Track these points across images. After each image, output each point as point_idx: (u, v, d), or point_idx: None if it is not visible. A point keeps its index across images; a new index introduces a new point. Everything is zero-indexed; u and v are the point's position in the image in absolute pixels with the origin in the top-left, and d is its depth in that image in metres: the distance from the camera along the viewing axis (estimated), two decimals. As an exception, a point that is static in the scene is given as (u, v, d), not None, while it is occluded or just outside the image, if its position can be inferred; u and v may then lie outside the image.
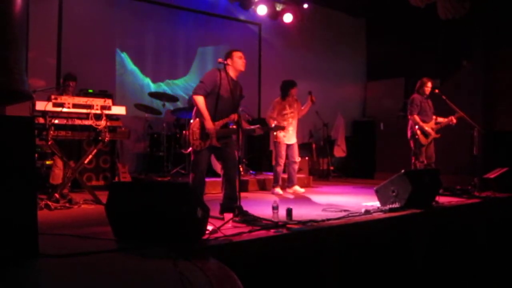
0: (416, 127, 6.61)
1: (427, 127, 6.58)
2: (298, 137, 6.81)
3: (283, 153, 6.56)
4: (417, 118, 6.60)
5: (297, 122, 6.75)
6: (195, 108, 4.55)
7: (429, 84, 6.77)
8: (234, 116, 4.53)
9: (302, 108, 6.76)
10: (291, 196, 6.28)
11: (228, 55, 4.65)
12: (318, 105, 6.82)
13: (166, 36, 8.83)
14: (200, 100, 4.43)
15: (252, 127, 4.87)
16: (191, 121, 4.55)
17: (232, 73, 4.61)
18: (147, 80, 8.61)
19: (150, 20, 8.61)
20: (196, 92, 4.47)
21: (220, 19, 9.53)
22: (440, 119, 6.76)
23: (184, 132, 4.60)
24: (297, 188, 6.63)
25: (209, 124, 4.39)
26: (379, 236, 4.19)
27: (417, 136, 6.58)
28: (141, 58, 8.57)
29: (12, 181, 2.48)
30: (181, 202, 2.95)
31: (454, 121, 6.59)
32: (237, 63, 4.61)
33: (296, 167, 6.70)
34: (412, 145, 6.68)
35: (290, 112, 6.62)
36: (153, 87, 8.54)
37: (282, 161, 6.57)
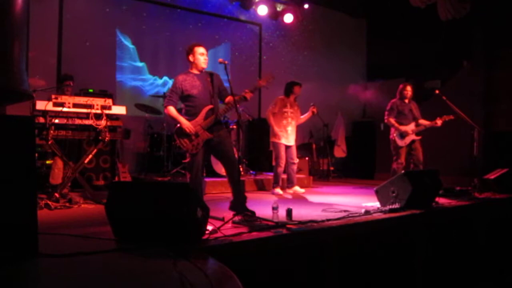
0: (392, 129, 6.79)
1: (403, 128, 6.69)
2: (298, 137, 6.81)
3: (283, 153, 6.54)
4: (391, 120, 6.77)
5: (296, 124, 6.72)
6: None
7: (408, 88, 6.90)
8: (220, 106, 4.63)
9: (302, 117, 6.75)
10: (291, 197, 6.27)
11: (190, 51, 4.63)
12: (318, 105, 6.82)
13: (166, 36, 8.83)
14: (169, 110, 4.57)
15: (241, 94, 4.54)
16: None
17: (195, 70, 4.62)
18: (147, 80, 8.61)
19: (150, 20, 8.61)
20: (165, 105, 4.62)
21: (220, 19, 9.53)
22: (423, 122, 6.82)
23: (174, 143, 4.65)
24: (297, 188, 6.62)
25: (184, 124, 4.46)
26: (379, 237, 4.19)
27: (394, 139, 6.76)
28: (141, 58, 8.57)
29: (12, 180, 2.48)
30: (181, 202, 2.94)
31: (439, 123, 6.62)
32: (199, 60, 4.59)
33: (295, 167, 6.69)
34: (391, 146, 6.84)
35: (290, 111, 6.61)
36: (153, 85, 8.54)
37: (282, 162, 6.54)
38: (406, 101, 6.88)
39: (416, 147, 6.75)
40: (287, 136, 6.57)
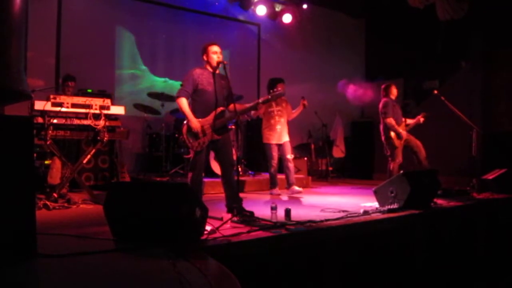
0: (391, 130, 6.76)
1: (400, 129, 6.72)
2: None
3: (274, 154, 6.40)
4: (392, 121, 6.74)
5: (286, 121, 6.55)
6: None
7: (394, 87, 6.97)
8: (226, 108, 4.63)
9: (293, 111, 6.62)
10: (287, 198, 6.22)
11: (204, 51, 4.63)
12: (317, 106, 6.80)
13: (165, 36, 8.83)
14: (181, 101, 4.50)
15: (252, 104, 4.70)
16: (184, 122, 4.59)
17: (209, 68, 4.62)
18: (146, 80, 8.61)
19: (149, 20, 8.61)
20: (177, 95, 4.56)
21: (219, 19, 9.52)
22: (408, 121, 6.90)
23: (180, 137, 4.65)
24: (295, 187, 6.47)
25: (193, 123, 4.44)
26: (377, 237, 4.20)
27: (391, 140, 6.73)
28: (140, 58, 8.57)
29: (10, 180, 2.47)
30: (179, 202, 2.94)
31: (421, 120, 6.70)
32: (212, 59, 4.58)
33: (291, 165, 6.47)
34: (386, 148, 6.81)
35: (277, 110, 6.46)
36: (152, 85, 8.53)
37: (274, 162, 6.41)
38: (394, 99, 6.92)
39: (415, 144, 6.75)
40: (277, 135, 6.42)
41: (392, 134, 6.73)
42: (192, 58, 9.05)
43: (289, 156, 6.47)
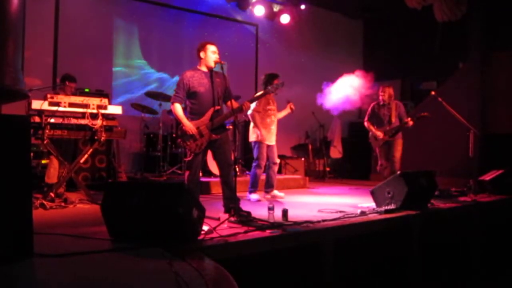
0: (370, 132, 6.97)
1: (375, 132, 6.87)
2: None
3: (265, 154, 6.02)
4: (365, 124, 6.99)
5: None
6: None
7: (384, 90, 6.98)
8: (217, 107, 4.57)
9: (280, 113, 6.18)
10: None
11: (202, 47, 4.60)
12: (314, 106, 6.78)
13: (163, 36, 8.82)
14: (175, 107, 4.53)
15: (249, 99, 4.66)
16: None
17: (204, 68, 4.61)
18: (144, 79, 8.60)
19: (147, 20, 8.60)
20: (172, 102, 4.58)
21: (217, 19, 9.52)
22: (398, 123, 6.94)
23: (178, 140, 4.64)
24: (276, 192, 6.18)
25: (187, 126, 4.45)
26: (374, 237, 4.20)
27: (370, 141, 7.00)
28: (137, 58, 8.56)
29: (7, 180, 2.47)
30: (176, 202, 2.94)
31: (410, 123, 6.69)
32: (209, 58, 4.55)
33: (276, 169, 6.22)
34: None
35: (273, 108, 6.07)
36: (149, 85, 8.53)
37: (263, 163, 6.03)
38: (383, 103, 6.95)
39: (393, 146, 6.82)
40: (271, 136, 6.05)
41: (370, 136, 6.97)
42: (188, 57, 9.06)
43: (278, 160, 6.25)
